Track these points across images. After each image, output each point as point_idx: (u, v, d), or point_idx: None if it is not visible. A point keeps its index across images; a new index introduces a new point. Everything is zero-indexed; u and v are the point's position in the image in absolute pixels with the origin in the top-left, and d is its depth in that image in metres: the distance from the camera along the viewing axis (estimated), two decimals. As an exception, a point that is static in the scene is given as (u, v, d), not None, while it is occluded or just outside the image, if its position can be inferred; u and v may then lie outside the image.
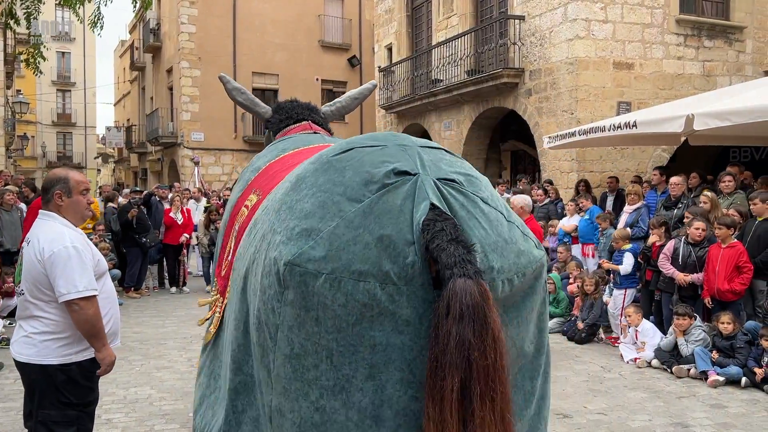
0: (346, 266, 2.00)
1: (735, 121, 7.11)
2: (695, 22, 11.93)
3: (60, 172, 3.30)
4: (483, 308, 1.86)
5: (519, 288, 2.17)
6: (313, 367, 2.07)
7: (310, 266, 2.04)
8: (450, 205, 2.12)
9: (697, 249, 6.90)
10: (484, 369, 1.83)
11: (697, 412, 5.28)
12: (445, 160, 2.32)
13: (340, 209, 2.11)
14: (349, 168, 2.23)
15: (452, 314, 1.85)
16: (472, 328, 1.84)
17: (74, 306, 3.02)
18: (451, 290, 1.87)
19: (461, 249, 1.95)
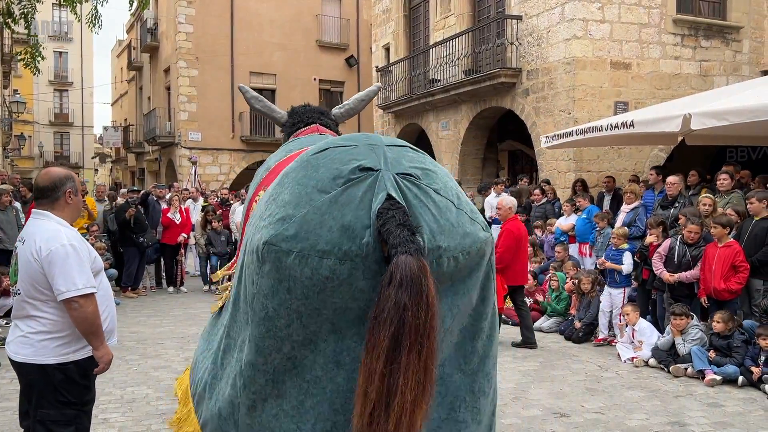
0: (313, 246, 2.48)
1: (732, 120, 7.12)
2: (692, 22, 11.95)
3: (64, 171, 3.28)
4: (419, 279, 2.27)
5: (465, 264, 2.63)
6: (285, 326, 2.58)
7: (283, 245, 2.52)
8: (405, 195, 2.57)
9: (692, 248, 6.91)
10: (415, 326, 2.24)
11: (694, 411, 5.29)
12: (407, 157, 2.76)
13: (311, 199, 2.58)
14: (322, 165, 2.70)
15: (393, 283, 2.27)
16: (409, 293, 2.25)
17: (74, 304, 3.01)
18: (394, 264, 2.30)
19: (406, 232, 2.38)
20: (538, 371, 6.49)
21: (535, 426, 4.94)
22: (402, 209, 2.48)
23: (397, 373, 2.23)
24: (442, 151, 15.97)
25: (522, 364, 6.77)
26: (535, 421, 5.05)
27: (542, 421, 5.04)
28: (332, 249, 2.46)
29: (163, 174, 26.94)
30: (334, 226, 2.50)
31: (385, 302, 2.28)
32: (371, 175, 2.61)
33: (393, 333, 2.25)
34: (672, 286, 7.03)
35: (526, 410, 5.30)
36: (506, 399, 5.57)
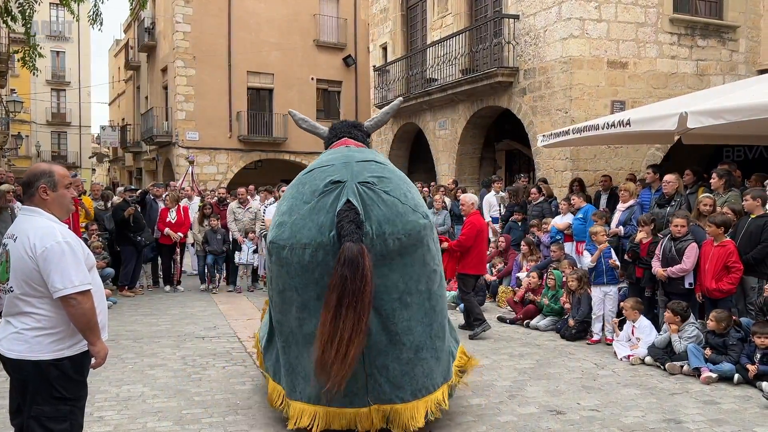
0: (299, 241, 4.00)
1: (728, 119, 7.12)
2: (689, 22, 11.97)
3: (43, 166, 3.25)
4: (358, 258, 3.70)
5: (408, 242, 4.02)
6: (290, 297, 4.11)
7: (281, 242, 4.11)
8: (363, 198, 3.97)
9: (677, 243, 6.92)
10: (352, 291, 3.66)
11: (689, 409, 5.29)
12: (369, 169, 4.19)
13: (299, 208, 4.11)
14: (307, 182, 4.26)
15: (339, 261, 3.71)
16: (349, 269, 3.67)
17: (71, 301, 3.00)
18: (341, 249, 3.75)
19: (353, 226, 3.79)
20: (535, 369, 6.49)
21: (531, 423, 4.94)
22: (354, 210, 3.85)
23: (339, 320, 3.64)
24: (440, 151, 15.97)
25: (518, 362, 6.77)
26: (531, 418, 5.05)
27: (538, 419, 5.04)
28: (311, 242, 3.94)
29: (160, 173, 26.92)
30: (312, 226, 3.96)
31: (335, 275, 3.69)
32: (339, 186, 4.03)
33: (338, 295, 3.66)
34: (664, 283, 7.04)
35: (522, 408, 5.30)
36: (502, 396, 5.58)
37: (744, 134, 9.19)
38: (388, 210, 3.94)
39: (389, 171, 4.27)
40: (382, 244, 3.88)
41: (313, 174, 4.26)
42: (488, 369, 6.48)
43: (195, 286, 11.74)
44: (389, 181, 4.13)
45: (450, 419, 5.00)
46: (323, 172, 4.20)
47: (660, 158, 11.65)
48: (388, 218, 3.93)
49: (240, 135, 24.74)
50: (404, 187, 4.19)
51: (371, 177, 4.08)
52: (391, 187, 4.07)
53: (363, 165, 4.20)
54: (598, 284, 7.66)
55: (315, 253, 3.88)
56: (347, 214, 3.81)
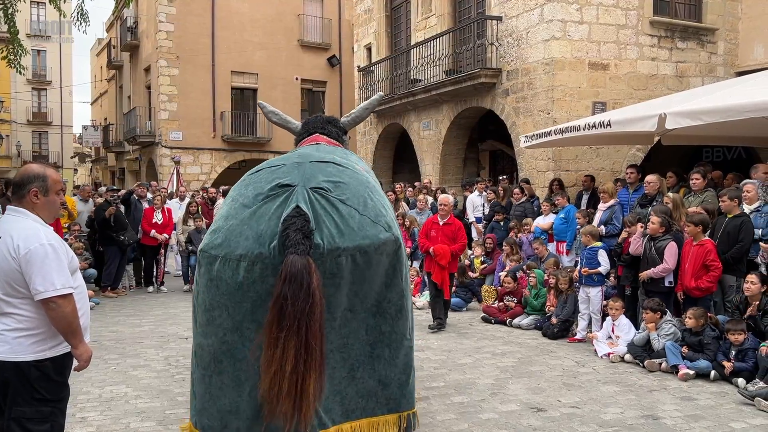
0: (233, 251, 3.25)
1: (706, 120, 7.25)
2: (668, 24, 12.13)
3: (38, 169, 3.24)
4: (302, 274, 3.00)
5: (364, 260, 3.32)
6: (218, 316, 3.32)
7: (212, 251, 3.34)
8: (314, 206, 3.29)
9: (656, 242, 7.04)
10: (293, 313, 2.98)
11: (667, 405, 5.39)
12: (326, 172, 3.52)
13: (237, 213, 3.39)
14: (252, 183, 3.55)
15: (282, 278, 3.01)
16: (290, 287, 2.98)
17: (51, 304, 3.00)
18: (284, 263, 3.04)
19: (300, 235, 3.08)
20: (516, 367, 6.57)
21: (512, 420, 5.01)
22: (303, 217, 3.17)
23: (278, 348, 2.97)
24: (424, 151, 16.04)
25: (500, 360, 6.84)
26: (512, 415, 5.12)
27: (519, 416, 5.11)
28: (247, 253, 3.21)
29: (143, 174, 26.74)
30: (250, 235, 3.26)
31: (275, 294, 3.02)
32: (287, 190, 3.36)
33: (277, 317, 2.99)
34: (645, 282, 7.15)
35: (504, 405, 5.37)
36: (484, 394, 5.64)
37: (723, 135, 9.35)
38: (342, 222, 3.30)
39: (348, 175, 3.60)
40: (333, 261, 3.23)
41: (259, 174, 3.61)
42: (470, 367, 6.55)
43: (178, 287, 11.70)
44: (346, 187, 3.47)
45: (432, 417, 5.05)
46: (272, 173, 3.54)
47: (641, 159, 11.80)
48: (342, 232, 3.27)
49: (224, 135, 24.64)
50: (364, 194, 3.51)
51: (325, 182, 3.44)
52: (348, 195, 3.43)
53: (318, 167, 3.55)
54: (587, 285, 7.75)
55: (251, 266, 3.19)
56: (294, 221, 3.15)
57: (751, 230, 6.74)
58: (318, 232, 3.23)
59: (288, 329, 2.96)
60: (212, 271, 3.29)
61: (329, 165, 3.60)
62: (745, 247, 6.73)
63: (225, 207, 3.55)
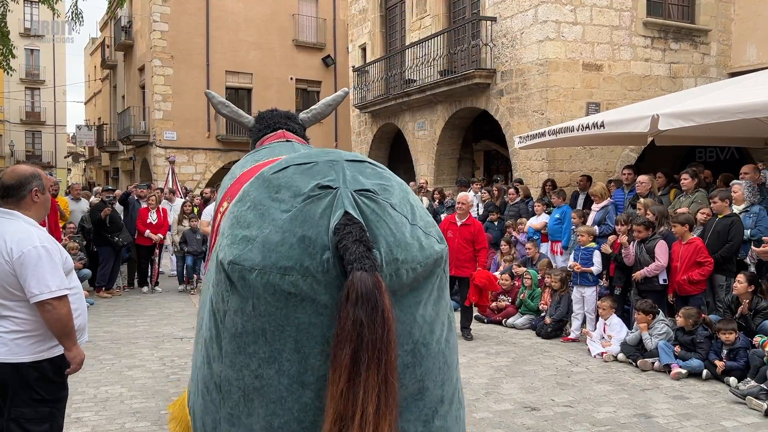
0: (275, 263, 2.55)
1: (698, 121, 7.31)
2: (662, 25, 12.20)
3: (30, 169, 3.25)
4: (375, 294, 2.39)
5: (422, 274, 2.71)
6: (252, 342, 2.65)
7: (246, 264, 2.60)
8: (363, 211, 2.66)
9: (646, 243, 7.10)
10: (372, 342, 2.36)
11: (660, 404, 5.44)
12: (366, 173, 2.88)
13: (273, 218, 2.68)
14: (283, 185, 2.81)
15: (350, 300, 2.38)
16: (365, 310, 2.36)
17: (47, 306, 3.01)
18: (350, 281, 2.40)
19: (362, 248, 2.48)
20: (510, 366, 6.60)
21: (506, 420, 5.04)
22: (359, 225, 2.58)
23: (359, 388, 2.35)
24: (418, 151, 16.07)
25: (495, 359, 6.88)
26: (506, 414, 5.15)
27: (513, 415, 5.14)
28: (294, 265, 2.55)
29: (137, 173, 26.69)
30: (295, 243, 2.59)
31: (344, 320, 2.39)
32: (330, 192, 2.71)
33: (353, 350, 2.37)
34: (639, 281, 7.20)
35: (498, 404, 5.40)
36: (478, 394, 5.67)
37: (716, 136, 9.41)
38: (397, 230, 2.72)
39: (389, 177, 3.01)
40: (394, 275, 2.63)
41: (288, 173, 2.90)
42: (465, 367, 6.57)
43: (173, 287, 11.70)
44: (393, 190, 2.88)
45: (427, 416, 5.08)
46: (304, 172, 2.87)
47: (634, 159, 11.86)
48: (399, 242, 2.69)
49: (218, 135, 24.62)
50: (410, 199, 2.95)
51: (372, 184, 2.83)
52: (396, 200, 2.83)
53: (356, 166, 2.93)
54: (581, 285, 7.79)
55: (299, 281, 2.55)
56: (350, 230, 2.55)
57: (740, 230, 6.80)
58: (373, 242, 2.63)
59: (367, 363, 2.39)
60: (246, 286, 2.64)
61: (365, 165, 2.99)
62: (734, 247, 6.79)
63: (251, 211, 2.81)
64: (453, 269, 7.72)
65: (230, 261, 2.69)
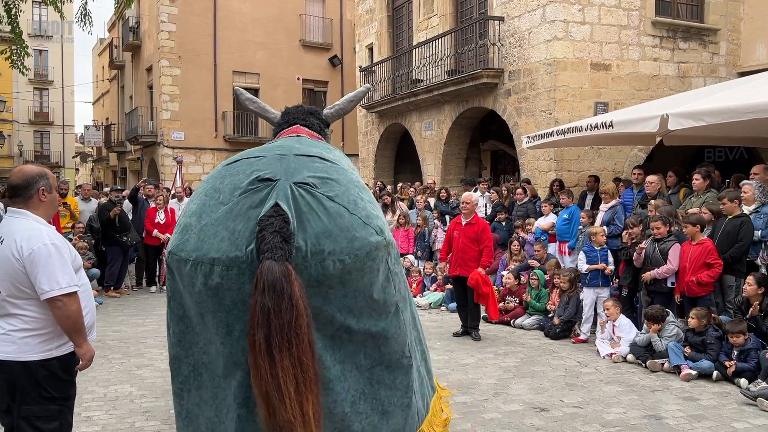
0: (205, 254, 2.81)
1: (708, 121, 7.26)
2: (671, 25, 12.14)
3: (36, 169, 3.28)
4: (282, 283, 2.59)
5: (353, 266, 2.86)
6: (196, 324, 2.96)
7: (182, 254, 2.88)
8: (297, 203, 2.86)
9: (660, 243, 7.07)
10: (280, 326, 2.57)
11: (670, 405, 5.41)
12: (312, 167, 3.06)
13: (212, 210, 2.93)
14: (227, 176, 3.06)
15: (258, 288, 2.61)
16: (271, 297, 2.58)
17: (57, 303, 3.03)
18: (259, 270, 2.63)
19: (277, 238, 2.68)
20: (519, 367, 6.58)
21: (515, 420, 5.03)
22: (282, 217, 2.76)
23: (275, 369, 2.57)
24: (425, 151, 16.06)
25: (503, 360, 6.86)
26: (515, 415, 5.14)
27: (522, 416, 5.13)
28: (221, 257, 2.78)
29: (145, 173, 26.74)
30: (225, 235, 2.82)
31: (254, 307, 2.61)
32: (268, 185, 2.92)
33: (264, 335, 2.58)
34: (647, 282, 7.17)
35: (507, 405, 5.39)
36: (487, 394, 5.66)
37: (725, 135, 9.35)
38: (330, 221, 2.87)
39: (337, 171, 3.15)
40: (319, 265, 2.80)
41: (236, 166, 3.14)
42: (473, 367, 6.57)
43: (181, 286, 11.72)
44: (336, 183, 3.03)
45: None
46: (250, 164, 3.09)
47: (642, 159, 11.81)
48: (330, 233, 2.84)
49: (226, 135, 24.65)
50: (355, 192, 3.08)
51: (312, 177, 2.99)
52: (337, 192, 2.98)
53: (303, 161, 3.09)
54: (592, 286, 7.76)
55: (225, 272, 2.77)
56: (272, 221, 2.73)
57: (750, 230, 6.76)
58: (301, 233, 2.82)
59: (280, 346, 2.60)
60: (183, 276, 2.91)
61: (315, 160, 3.16)
62: (744, 247, 6.74)
63: (196, 202, 3.06)
64: (458, 269, 7.80)
65: (169, 251, 2.99)
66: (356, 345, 3.00)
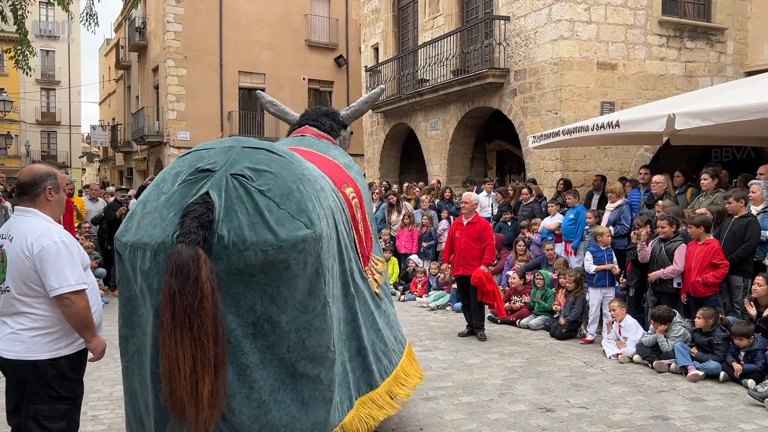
0: (139, 240, 2.98)
1: (715, 120, 7.23)
2: (677, 24, 12.09)
3: (45, 168, 3.31)
4: (189, 266, 2.72)
5: (276, 257, 2.94)
6: (140, 306, 3.12)
7: (123, 239, 3.07)
8: (229, 194, 2.99)
9: (666, 243, 7.04)
10: (183, 308, 2.71)
11: (676, 406, 5.39)
12: (254, 159, 3.18)
13: (155, 199, 3.11)
14: (176, 167, 3.24)
15: (168, 270, 2.76)
16: (177, 279, 2.71)
17: (65, 300, 3.04)
18: (171, 253, 2.77)
19: (194, 223, 2.81)
20: (525, 367, 6.57)
21: (520, 420, 5.01)
22: (205, 204, 2.91)
23: (176, 347, 2.74)
24: (431, 151, 16.04)
25: (509, 360, 6.85)
26: (521, 416, 5.12)
27: (528, 416, 5.11)
28: (151, 242, 2.94)
29: (151, 173, 26.81)
30: (158, 222, 2.99)
31: (164, 288, 2.78)
32: (207, 176, 3.07)
33: (171, 315, 2.74)
34: (654, 282, 7.14)
35: (512, 405, 5.37)
36: (493, 395, 5.65)
37: (732, 135, 9.32)
38: (256, 213, 2.98)
39: (280, 164, 3.24)
40: (239, 255, 2.90)
41: (186, 158, 3.30)
42: (479, 367, 6.56)
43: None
44: (272, 176, 3.13)
45: (440, 417, 5.07)
46: (197, 156, 3.25)
47: (649, 159, 11.77)
48: (253, 224, 2.95)
49: (231, 135, 24.69)
50: (293, 185, 3.16)
51: (249, 169, 3.11)
52: (271, 185, 3.09)
53: (248, 153, 3.22)
54: (598, 286, 7.74)
55: (155, 256, 2.92)
56: (195, 209, 2.88)
57: (757, 230, 6.72)
58: (225, 223, 2.94)
59: (181, 326, 2.74)
60: (125, 260, 3.08)
61: (260, 152, 3.27)
62: (751, 247, 6.71)
63: (146, 191, 3.24)
64: (461, 268, 7.82)
65: (115, 237, 3.16)
66: (279, 336, 3.07)
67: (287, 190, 3.11)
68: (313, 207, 3.17)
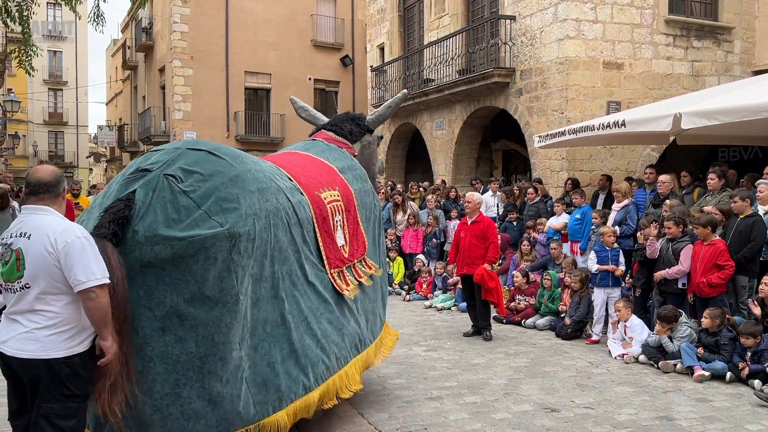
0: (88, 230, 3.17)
1: (722, 120, 7.19)
2: (684, 23, 12.04)
3: (57, 169, 3.36)
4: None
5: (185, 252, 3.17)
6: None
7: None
8: (156, 192, 3.26)
9: (673, 243, 7.01)
10: None
11: (682, 406, 5.36)
12: (191, 160, 3.42)
13: (103, 195, 3.46)
14: (131, 166, 3.53)
15: None
16: None
17: (91, 294, 3.03)
18: None
19: (108, 219, 3.15)
20: (530, 367, 6.55)
21: (525, 421, 5.00)
22: (125, 201, 3.22)
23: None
24: (436, 151, 16.04)
25: (514, 360, 6.83)
26: (526, 416, 5.11)
27: (533, 416, 5.10)
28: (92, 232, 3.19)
29: (157, 173, 26.91)
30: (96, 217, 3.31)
31: None
32: (143, 175, 3.36)
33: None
34: (659, 282, 7.11)
35: (517, 405, 5.36)
36: (498, 395, 5.64)
37: (739, 135, 9.27)
38: (174, 212, 3.22)
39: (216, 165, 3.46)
40: (149, 248, 3.17)
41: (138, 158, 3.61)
42: (484, 367, 6.55)
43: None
44: (201, 178, 3.36)
45: (445, 416, 5.06)
46: (146, 156, 3.56)
47: (655, 158, 11.73)
48: (169, 222, 3.20)
49: (238, 135, 24.75)
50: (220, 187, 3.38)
51: (181, 170, 3.34)
52: (198, 186, 3.32)
53: (188, 154, 3.46)
54: (602, 286, 7.71)
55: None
56: (116, 205, 3.21)
57: (763, 230, 6.68)
58: (142, 220, 3.20)
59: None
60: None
61: (202, 154, 3.50)
62: (756, 247, 6.67)
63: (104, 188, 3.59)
64: (465, 267, 7.85)
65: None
66: (188, 330, 3.24)
67: (211, 191, 3.33)
68: (237, 207, 3.36)
